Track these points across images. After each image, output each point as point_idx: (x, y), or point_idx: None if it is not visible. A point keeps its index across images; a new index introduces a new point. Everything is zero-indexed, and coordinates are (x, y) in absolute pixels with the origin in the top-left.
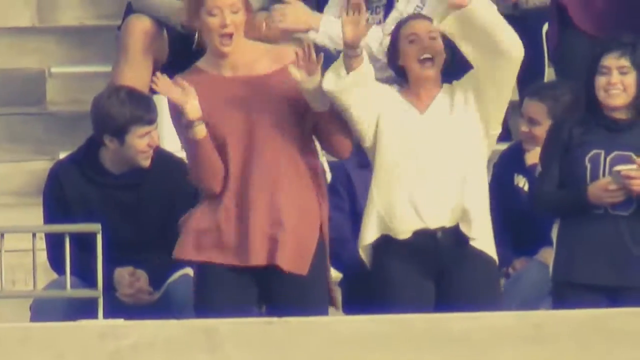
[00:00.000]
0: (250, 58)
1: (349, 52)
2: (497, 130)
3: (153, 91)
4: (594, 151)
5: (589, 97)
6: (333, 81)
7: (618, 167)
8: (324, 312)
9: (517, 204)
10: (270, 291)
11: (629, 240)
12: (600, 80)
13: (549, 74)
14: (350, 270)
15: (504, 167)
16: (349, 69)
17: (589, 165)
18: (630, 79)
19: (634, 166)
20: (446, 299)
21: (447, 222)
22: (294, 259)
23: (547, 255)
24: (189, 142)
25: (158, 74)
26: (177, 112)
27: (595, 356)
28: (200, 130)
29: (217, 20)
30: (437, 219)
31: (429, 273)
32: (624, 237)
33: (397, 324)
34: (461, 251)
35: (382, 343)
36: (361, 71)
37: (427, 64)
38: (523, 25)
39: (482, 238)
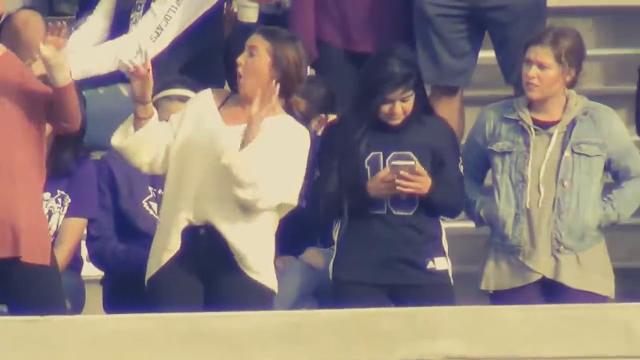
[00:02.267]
0: None
1: (140, 114)
2: None
3: None
4: (372, 154)
5: (370, 113)
6: (119, 139)
7: (395, 162)
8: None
9: None
10: (12, 285)
11: (412, 237)
12: (384, 109)
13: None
14: (112, 268)
15: None
16: (136, 127)
17: (368, 168)
18: (410, 103)
19: (412, 162)
20: (213, 300)
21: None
22: (34, 249)
23: (312, 256)
24: None
25: None
26: None
27: (356, 355)
28: None
29: None
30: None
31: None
32: (407, 235)
33: (161, 323)
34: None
35: (145, 342)
36: (148, 127)
37: None
38: (285, 25)
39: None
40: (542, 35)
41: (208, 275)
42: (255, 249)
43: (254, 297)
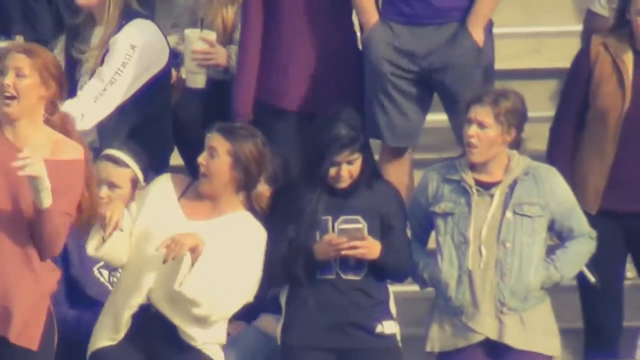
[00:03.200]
0: (33, 132)
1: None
2: None
3: None
4: (322, 218)
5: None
6: (94, 248)
7: (343, 226)
8: None
9: None
10: None
11: (361, 301)
12: (331, 172)
13: None
14: (62, 334)
15: None
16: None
17: (317, 232)
18: (357, 166)
19: (360, 225)
20: None
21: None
22: (23, 331)
23: (265, 322)
24: None
25: None
26: None
27: None
28: None
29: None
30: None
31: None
32: (356, 299)
33: None
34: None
35: None
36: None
37: None
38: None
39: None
40: (483, 95)
41: (153, 353)
42: (205, 334)
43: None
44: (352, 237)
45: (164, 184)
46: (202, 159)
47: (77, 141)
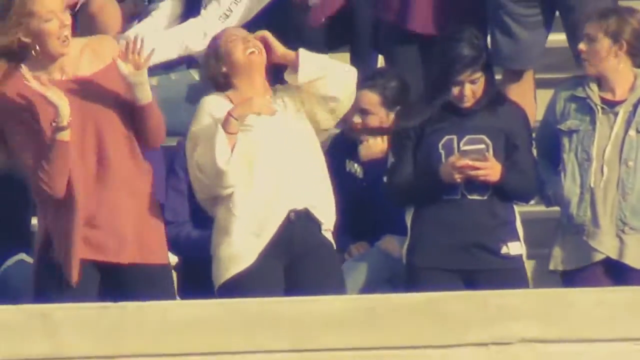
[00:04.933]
0: (73, 57)
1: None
2: (330, 126)
3: None
4: (447, 137)
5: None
6: (224, 161)
7: (465, 147)
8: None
9: (351, 190)
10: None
11: (487, 222)
12: (453, 91)
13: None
14: (186, 253)
15: (335, 154)
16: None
17: (442, 152)
18: (480, 86)
19: (482, 146)
20: (294, 284)
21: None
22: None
23: (388, 243)
24: (52, 143)
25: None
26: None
27: (427, 339)
28: (67, 134)
29: (53, 24)
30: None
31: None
32: (481, 220)
33: (231, 308)
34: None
35: (216, 327)
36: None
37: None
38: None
39: (330, 225)
40: (592, 14)
41: (291, 258)
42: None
43: (334, 264)
44: (474, 158)
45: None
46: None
47: None
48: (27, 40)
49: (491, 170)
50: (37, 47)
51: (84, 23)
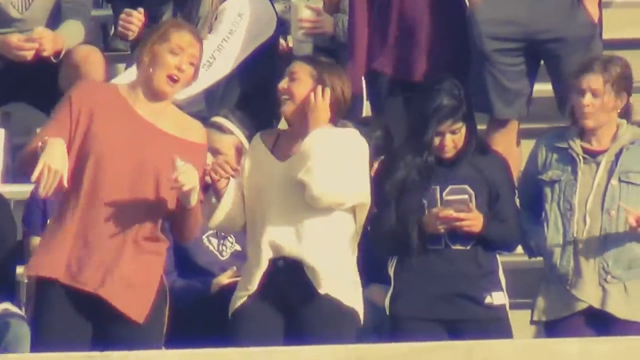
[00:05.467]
0: (160, 108)
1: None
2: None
3: None
4: (430, 187)
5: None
6: (214, 221)
7: (448, 197)
8: None
9: None
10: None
11: (470, 272)
12: (435, 141)
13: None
14: (172, 303)
15: None
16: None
17: (425, 202)
18: (461, 136)
19: (465, 196)
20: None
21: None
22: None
23: (374, 293)
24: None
25: None
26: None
27: None
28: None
29: (175, 60)
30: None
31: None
32: (465, 270)
33: (215, 358)
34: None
35: None
36: (227, 197)
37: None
38: (339, 58)
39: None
40: (591, 63)
41: (289, 307)
42: (330, 261)
43: (333, 320)
44: (457, 209)
45: (255, 142)
46: (282, 84)
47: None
48: (145, 59)
49: (474, 220)
50: (150, 70)
51: (67, 72)
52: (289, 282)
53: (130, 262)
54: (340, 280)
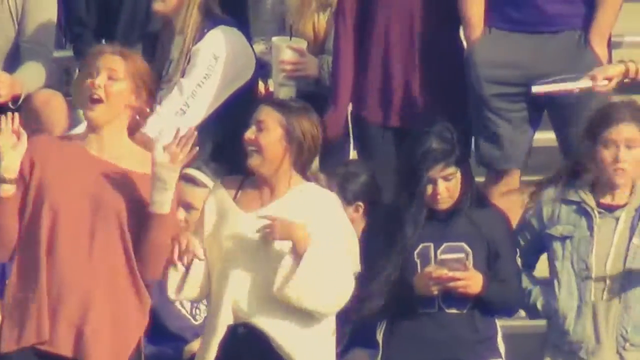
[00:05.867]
0: (118, 143)
1: None
2: None
3: None
4: (422, 245)
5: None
6: (174, 291)
7: (443, 256)
8: None
9: None
10: None
11: (466, 338)
12: (428, 190)
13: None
14: None
15: None
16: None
17: (418, 261)
18: (455, 184)
19: (461, 255)
20: None
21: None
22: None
23: (358, 358)
24: None
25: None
26: None
27: None
28: (8, 189)
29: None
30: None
31: None
32: (460, 336)
33: None
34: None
35: None
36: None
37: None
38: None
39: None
40: (619, 110)
41: None
42: (305, 345)
43: None
44: (452, 268)
45: (217, 189)
46: (248, 134)
47: None
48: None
49: (471, 281)
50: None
51: (27, 118)
52: (250, 352)
53: (103, 317)
54: (313, 350)
